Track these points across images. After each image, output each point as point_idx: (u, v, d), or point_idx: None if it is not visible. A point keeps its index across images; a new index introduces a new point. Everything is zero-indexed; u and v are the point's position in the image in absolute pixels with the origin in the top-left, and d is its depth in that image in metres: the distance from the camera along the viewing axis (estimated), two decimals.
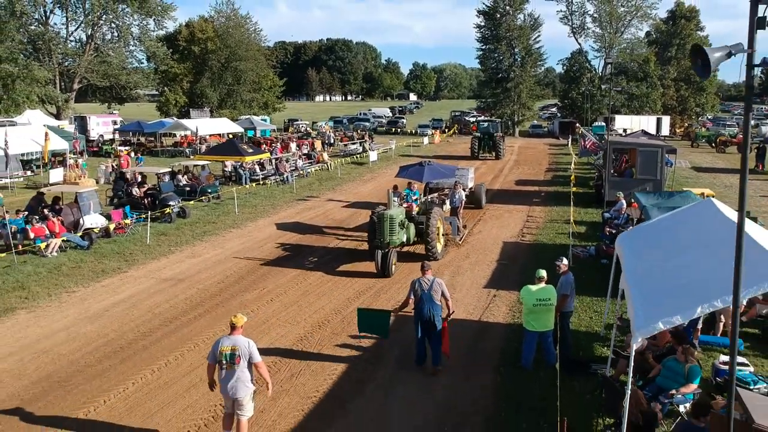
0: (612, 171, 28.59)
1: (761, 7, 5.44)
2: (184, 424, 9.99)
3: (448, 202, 24.27)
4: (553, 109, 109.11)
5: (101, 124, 62.69)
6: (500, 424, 9.96)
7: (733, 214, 10.94)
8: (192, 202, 27.36)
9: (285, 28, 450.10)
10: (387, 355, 12.55)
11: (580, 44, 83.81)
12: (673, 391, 9.98)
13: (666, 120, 74.14)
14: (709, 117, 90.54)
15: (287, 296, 16.40)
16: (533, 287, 11.70)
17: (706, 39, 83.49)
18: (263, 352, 12.59)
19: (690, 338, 12.23)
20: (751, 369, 11.33)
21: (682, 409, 9.76)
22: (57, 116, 59.65)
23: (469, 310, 15.28)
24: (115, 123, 64.10)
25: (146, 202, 25.38)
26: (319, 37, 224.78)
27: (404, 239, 19.08)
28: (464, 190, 26.51)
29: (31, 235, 20.20)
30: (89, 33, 64.87)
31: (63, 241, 20.56)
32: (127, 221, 22.94)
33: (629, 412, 8.70)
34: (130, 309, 15.41)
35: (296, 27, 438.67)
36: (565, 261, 12.66)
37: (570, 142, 61.40)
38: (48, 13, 63.10)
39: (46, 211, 21.71)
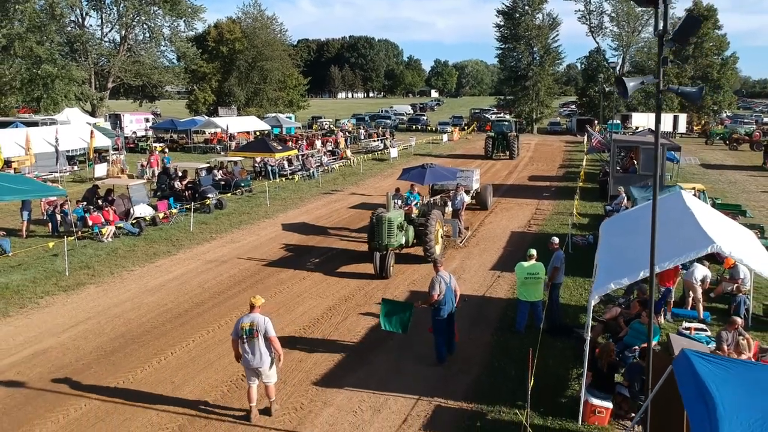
0: (618, 167, 30.61)
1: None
2: (238, 369, 12.30)
3: (450, 204, 24.69)
4: (573, 107, 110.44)
5: (134, 122, 65.51)
6: (494, 371, 12.28)
7: (693, 203, 13.15)
8: (228, 194, 29.92)
9: (308, 26, 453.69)
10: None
11: (598, 43, 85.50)
12: (636, 347, 12.19)
13: (683, 118, 75.53)
14: (728, 114, 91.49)
15: (317, 275, 18.83)
16: (525, 263, 13.98)
17: (723, 37, 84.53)
18: (299, 318, 15.15)
19: (659, 307, 14.43)
20: (708, 333, 13.50)
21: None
22: (92, 114, 62.64)
23: (475, 288, 17.59)
24: (147, 120, 66.96)
25: (187, 194, 27.96)
26: (341, 34, 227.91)
27: (403, 241, 19.35)
28: (468, 192, 27.20)
29: (90, 223, 22.83)
30: (123, 34, 67.93)
31: (117, 228, 23.16)
32: (174, 211, 25.51)
33: (600, 362, 11.03)
34: (183, 284, 17.92)
35: (319, 24, 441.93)
36: (556, 240, 14.96)
37: (586, 140, 63.13)
38: (84, 16, 66.20)
39: (100, 201, 24.41)
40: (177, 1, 66.09)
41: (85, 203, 24.03)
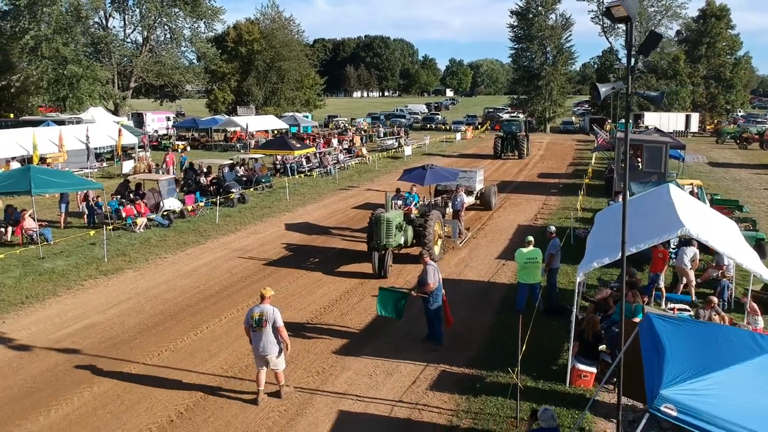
0: (623, 164, 31.84)
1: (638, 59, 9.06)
2: None
3: (450, 204, 24.90)
4: (586, 106, 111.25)
5: (156, 120, 67.35)
6: (494, 344, 13.77)
7: (677, 195, 14.49)
8: (250, 190, 31.58)
9: (323, 24, 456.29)
10: (413, 304, 16.26)
11: (610, 43, 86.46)
12: None
13: (695, 117, 76.40)
14: (742, 114, 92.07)
15: (335, 262, 20.37)
16: (524, 249, 15.44)
17: (736, 37, 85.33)
18: (320, 299, 16.71)
19: (648, 291, 15.82)
20: (691, 313, 14.86)
21: None
22: (115, 113, 64.63)
23: (481, 274, 19.09)
24: (168, 119, 68.85)
25: (212, 189, 29.65)
26: (356, 33, 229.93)
27: (402, 241, 19.47)
28: (471, 192, 27.88)
29: (123, 215, 24.53)
30: (145, 35, 69.99)
31: (148, 220, 24.83)
32: (200, 204, 27.19)
33: (586, 333, 12.48)
34: (213, 270, 19.55)
35: (333, 23, 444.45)
36: (553, 228, 16.48)
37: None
38: (107, 17, 68.25)
39: (131, 195, 26.12)
40: (197, 3, 68.04)
41: (118, 196, 25.75)
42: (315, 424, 10.59)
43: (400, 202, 22.46)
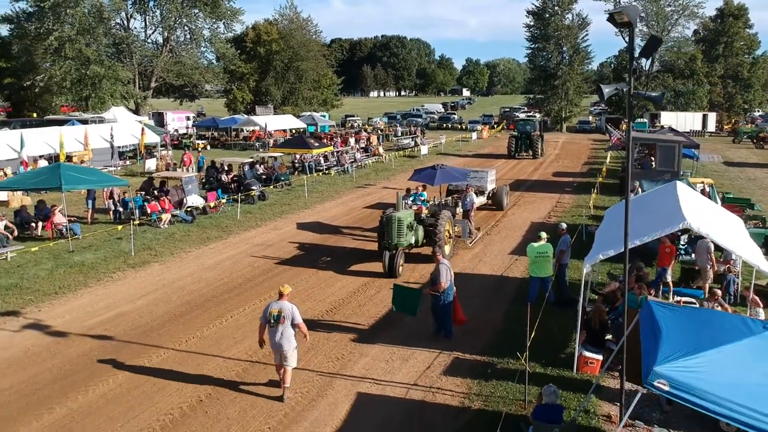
0: (637, 163, 32.28)
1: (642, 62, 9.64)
2: None
3: (460, 204, 25.05)
4: (603, 105, 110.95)
5: (176, 120, 68.37)
6: (504, 331, 14.43)
7: (683, 191, 15.01)
8: (269, 187, 32.38)
9: (339, 24, 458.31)
10: (425, 299, 16.88)
11: (627, 42, 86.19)
12: None
13: (712, 116, 76.26)
14: (760, 113, 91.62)
15: (354, 257, 21.05)
16: (535, 244, 16.04)
17: (754, 36, 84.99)
18: (338, 291, 17.41)
19: (655, 285, 16.33)
20: (696, 305, 15.36)
21: None
22: (136, 112, 65.77)
23: (494, 269, 19.70)
24: (188, 119, 69.89)
25: (233, 186, 30.47)
26: (372, 33, 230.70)
27: (412, 241, 19.65)
28: (482, 192, 28.15)
29: (148, 211, 25.37)
30: (165, 36, 71.16)
31: (172, 216, 25.66)
32: (223, 201, 28.01)
33: (592, 322, 13.07)
34: (235, 263, 20.32)
35: (350, 22, 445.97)
36: (564, 225, 17.06)
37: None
38: (129, 18, 69.47)
39: (156, 192, 26.98)
40: (217, 4, 69.10)
41: (143, 193, 26.64)
42: (335, 405, 11.29)
43: (410, 202, 22.91)
